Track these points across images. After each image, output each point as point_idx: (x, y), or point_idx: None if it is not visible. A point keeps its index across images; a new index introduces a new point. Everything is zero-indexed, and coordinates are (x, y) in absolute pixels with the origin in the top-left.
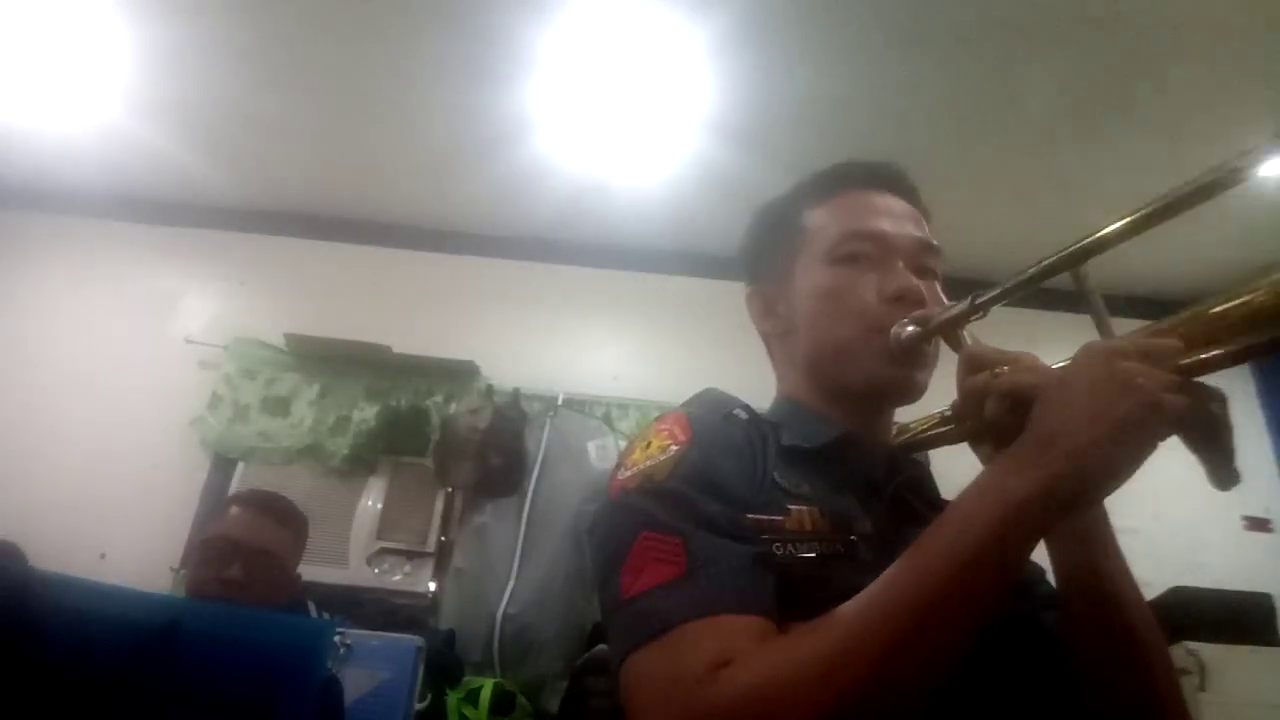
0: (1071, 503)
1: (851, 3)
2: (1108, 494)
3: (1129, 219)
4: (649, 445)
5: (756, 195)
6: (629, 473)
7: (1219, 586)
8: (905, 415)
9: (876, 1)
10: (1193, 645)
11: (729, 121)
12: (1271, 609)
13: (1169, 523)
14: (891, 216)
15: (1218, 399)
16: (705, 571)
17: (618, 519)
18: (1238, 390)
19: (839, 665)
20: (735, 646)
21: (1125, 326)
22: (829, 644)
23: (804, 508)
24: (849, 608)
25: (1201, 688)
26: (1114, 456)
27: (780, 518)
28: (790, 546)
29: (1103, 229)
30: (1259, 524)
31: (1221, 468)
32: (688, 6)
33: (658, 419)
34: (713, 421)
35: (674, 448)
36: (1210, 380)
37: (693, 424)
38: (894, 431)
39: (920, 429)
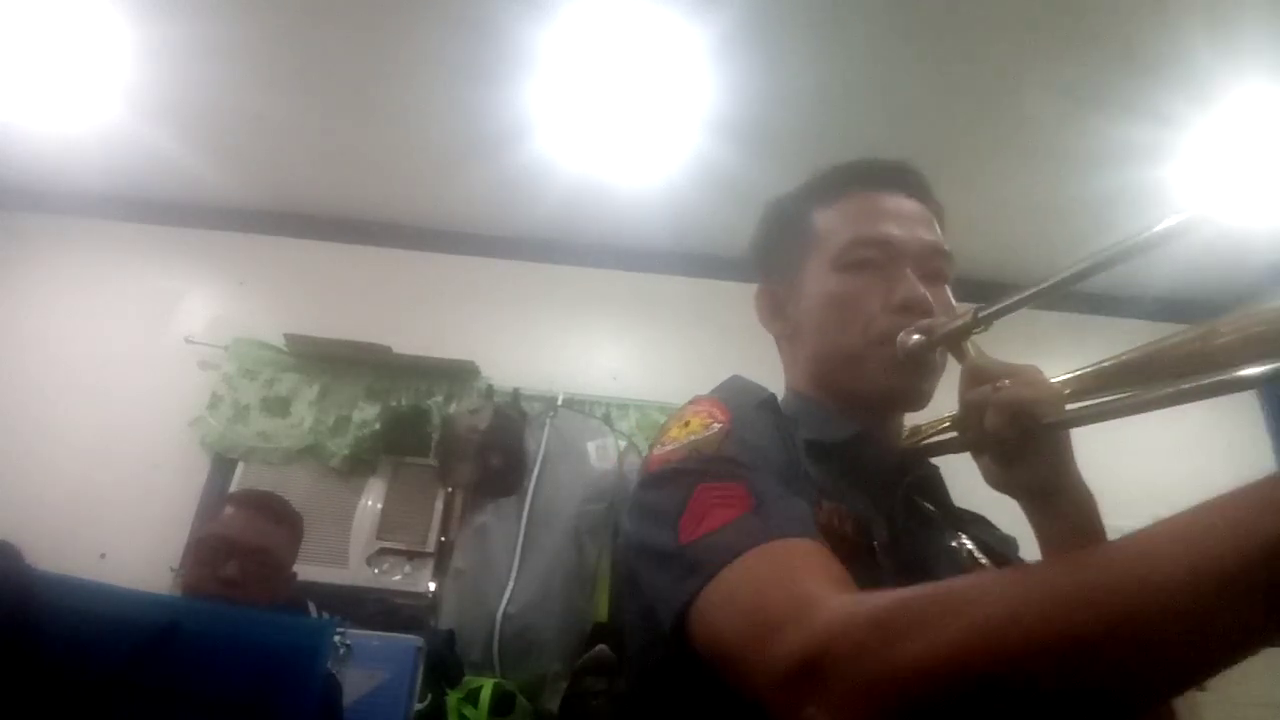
0: None
1: (853, 1)
2: None
3: (1135, 242)
4: (688, 424)
5: (757, 195)
6: (671, 447)
7: None
8: (913, 418)
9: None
10: None
11: (730, 121)
12: None
13: None
14: (901, 220)
15: None
16: (773, 506)
17: (666, 484)
18: (1239, 396)
19: (989, 624)
20: (821, 566)
21: (1133, 328)
22: (991, 603)
23: (833, 505)
24: (998, 575)
25: (1201, 687)
26: None
27: (816, 510)
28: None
29: (1101, 254)
30: None
31: None
32: (688, 6)
33: (691, 402)
34: (748, 407)
35: (716, 425)
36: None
37: (730, 408)
38: (904, 433)
39: (928, 432)
